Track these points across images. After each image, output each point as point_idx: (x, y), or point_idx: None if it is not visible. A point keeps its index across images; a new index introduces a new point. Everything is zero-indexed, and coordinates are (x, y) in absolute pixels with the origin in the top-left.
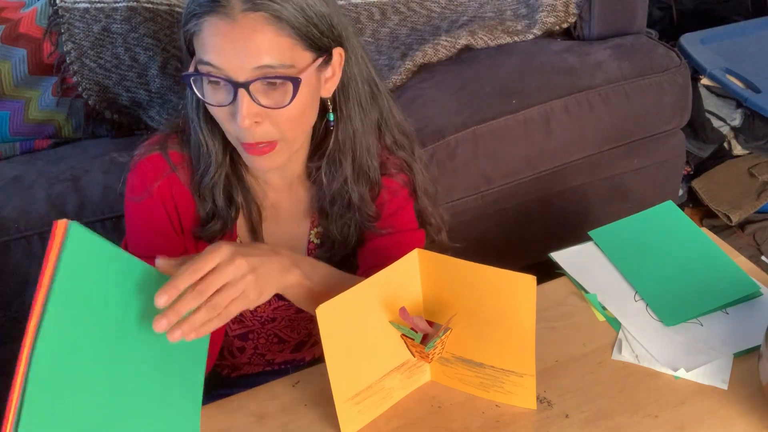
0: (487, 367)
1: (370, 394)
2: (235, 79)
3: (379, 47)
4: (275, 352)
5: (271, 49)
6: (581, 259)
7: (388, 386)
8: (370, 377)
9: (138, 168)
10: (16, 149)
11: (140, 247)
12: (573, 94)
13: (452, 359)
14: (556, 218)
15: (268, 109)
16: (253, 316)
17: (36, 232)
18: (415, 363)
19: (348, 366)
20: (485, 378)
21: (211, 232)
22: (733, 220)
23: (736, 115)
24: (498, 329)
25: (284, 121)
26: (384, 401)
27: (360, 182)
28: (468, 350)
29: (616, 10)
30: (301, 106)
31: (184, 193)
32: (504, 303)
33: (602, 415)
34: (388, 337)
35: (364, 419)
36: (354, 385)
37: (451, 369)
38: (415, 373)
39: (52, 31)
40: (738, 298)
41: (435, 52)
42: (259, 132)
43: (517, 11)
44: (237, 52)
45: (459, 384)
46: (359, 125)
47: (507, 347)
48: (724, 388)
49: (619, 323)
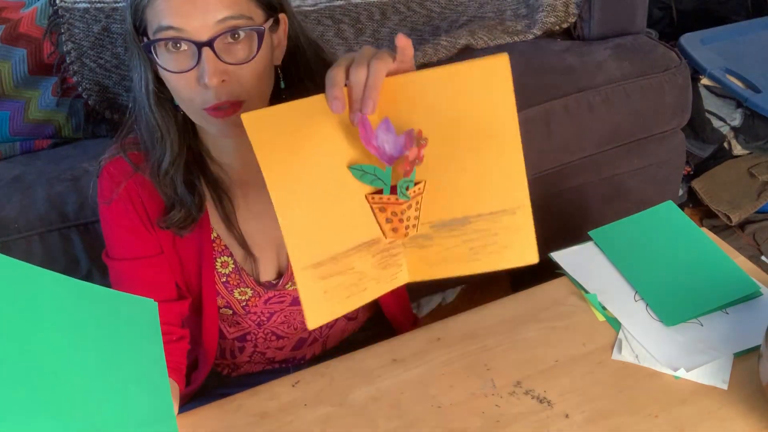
0: (472, 219)
1: (337, 272)
2: (197, 39)
3: (379, 47)
4: (275, 350)
5: (229, 2)
6: (581, 259)
7: (358, 268)
8: (333, 244)
9: (104, 173)
10: (16, 149)
11: (117, 249)
12: (573, 94)
13: (430, 231)
14: (556, 218)
15: (233, 66)
16: (248, 317)
17: (36, 232)
18: (388, 249)
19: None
20: (473, 239)
21: (176, 220)
22: (733, 220)
23: (736, 115)
24: (476, 148)
25: (249, 77)
26: (355, 290)
27: None
28: (447, 207)
29: (616, 10)
30: (265, 62)
31: (151, 191)
32: (477, 104)
33: (602, 415)
34: (350, 196)
35: (331, 307)
36: (312, 244)
37: (431, 251)
38: (390, 265)
39: (52, 31)
40: (738, 298)
41: (435, 52)
42: (224, 91)
43: (517, 11)
44: (196, 8)
45: (445, 268)
46: (313, 88)
47: (492, 174)
48: (724, 388)
49: (619, 323)
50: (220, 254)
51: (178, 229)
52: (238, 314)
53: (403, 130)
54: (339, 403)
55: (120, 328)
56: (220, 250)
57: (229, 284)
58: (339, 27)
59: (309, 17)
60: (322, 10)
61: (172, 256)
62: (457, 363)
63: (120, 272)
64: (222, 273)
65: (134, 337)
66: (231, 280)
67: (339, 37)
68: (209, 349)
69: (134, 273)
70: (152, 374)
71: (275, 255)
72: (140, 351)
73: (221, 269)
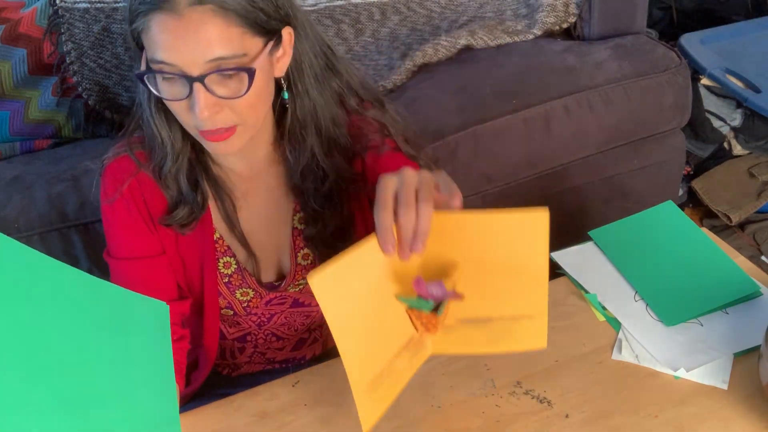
0: (495, 319)
1: (384, 379)
2: (189, 74)
3: (379, 47)
4: (275, 351)
5: (222, 41)
6: (581, 259)
7: (398, 368)
8: (382, 359)
9: (107, 171)
10: (16, 149)
11: (119, 248)
12: (573, 94)
13: (456, 324)
14: (556, 218)
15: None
16: (248, 318)
17: (36, 232)
18: (418, 338)
19: (359, 348)
20: (492, 332)
21: (178, 218)
22: (733, 220)
23: (736, 115)
24: (508, 277)
25: (243, 108)
26: (395, 385)
27: (332, 153)
28: (474, 309)
29: (616, 10)
30: (258, 92)
31: (154, 190)
32: (514, 247)
33: (602, 415)
34: (392, 313)
35: (380, 408)
36: (368, 370)
37: (455, 334)
38: (419, 350)
39: (52, 31)
40: (738, 298)
41: (435, 52)
42: (219, 119)
43: (517, 11)
44: (187, 47)
45: (463, 347)
46: (318, 98)
47: (518, 293)
48: (724, 388)
49: (619, 323)
50: (222, 255)
51: (180, 227)
52: (239, 315)
53: (441, 260)
54: (339, 403)
55: (131, 328)
56: (222, 251)
57: (231, 285)
58: (339, 27)
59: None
60: (322, 10)
61: (174, 255)
62: (457, 363)
63: (121, 271)
64: (224, 273)
65: (145, 339)
66: (233, 280)
67: (339, 37)
68: (210, 349)
69: (135, 272)
70: (160, 377)
71: (276, 257)
72: (150, 352)
73: (224, 270)
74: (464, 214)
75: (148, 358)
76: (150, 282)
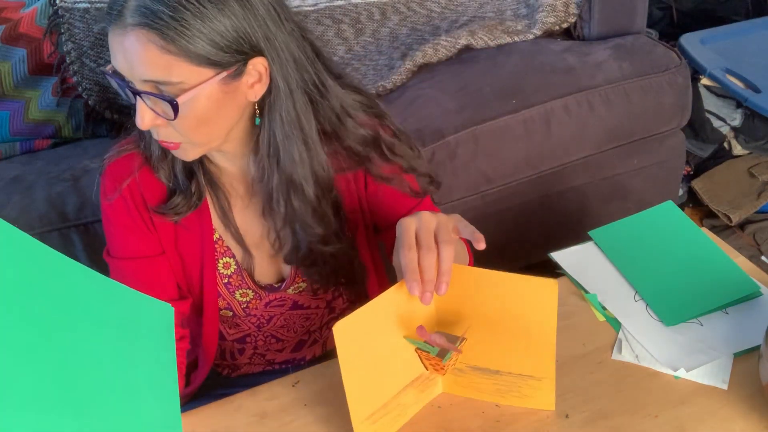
0: (504, 374)
1: (386, 412)
2: (132, 86)
3: (379, 47)
4: (275, 352)
5: (156, 66)
6: (581, 259)
7: (403, 402)
8: (387, 395)
9: (107, 171)
10: (16, 149)
11: (118, 248)
12: (573, 94)
13: (466, 369)
14: (556, 218)
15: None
16: (248, 319)
17: (36, 232)
18: (428, 376)
19: (365, 384)
20: (502, 385)
21: (174, 206)
22: (733, 220)
23: (736, 115)
24: (517, 336)
25: (183, 129)
26: (398, 418)
27: (293, 194)
28: (484, 359)
29: (616, 10)
30: (198, 117)
31: (153, 186)
32: (524, 309)
33: (602, 415)
34: (403, 352)
35: None
36: (371, 403)
37: (465, 378)
38: (428, 387)
39: (52, 31)
40: (738, 298)
41: (435, 52)
42: (162, 133)
43: (517, 11)
44: (126, 62)
45: (473, 393)
46: (281, 137)
47: (526, 353)
48: (724, 388)
49: (619, 323)
50: (222, 255)
51: (175, 215)
52: (238, 316)
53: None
54: (339, 403)
55: (137, 328)
56: (222, 251)
57: (231, 285)
58: (339, 27)
59: (309, 17)
60: (322, 10)
61: (174, 255)
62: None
63: (120, 271)
64: (224, 274)
65: (150, 339)
66: (233, 281)
67: (339, 37)
68: (209, 349)
69: (134, 272)
70: (164, 378)
71: (276, 259)
72: (154, 353)
73: (223, 270)
74: (480, 269)
75: (153, 358)
76: (149, 282)
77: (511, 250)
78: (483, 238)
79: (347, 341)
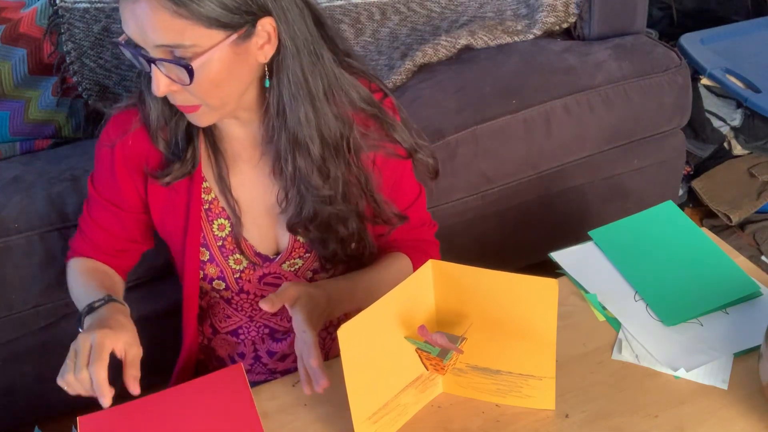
0: (504, 373)
1: (387, 412)
2: (146, 54)
3: (379, 47)
4: (276, 362)
5: (168, 31)
6: (581, 259)
7: (403, 402)
8: (387, 394)
9: (113, 118)
10: (16, 149)
11: (99, 185)
12: (573, 94)
13: (467, 369)
14: (556, 218)
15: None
16: (240, 301)
17: (36, 232)
18: (428, 376)
19: (366, 385)
20: (502, 384)
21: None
22: (733, 220)
23: (736, 115)
24: (517, 335)
25: (198, 92)
26: (399, 418)
27: (299, 154)
28: (484, 358)
29: (616, 10)
30: (212, 81)
31: (150, 154)
32: (524, 309)
33: (602, 415)
34: (404, 353)
35: None
36: (372, 403)
37: (465, 378)
38: (428, 387)
39: (52, 31)
40: (738, 298)
41: (435, 52)
42: (179, 98)
43: (517, 11)
44: (138, 29)
45: (473, 393)
46: (288, 97)
47: (526, 352)
48: (724, 388)
49: (619, 323)
50: (216, 216)
51: (165, 178)
52: (231, 290)
53: (454, 309)
54: (339, 403)
55: None
56: (217, 212)
57: (225, 249)
58: (339, 27)
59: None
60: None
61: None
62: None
63: (94, 199)
64: (218, 236)
65: None
66: (227, 244)
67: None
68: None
69: (103, 209)
70: None
71: (274, 231)
72: None
73: (218, 232)
74: (480, 269)
75: None
76: (108, 224)
77: (511, 249)
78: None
79: (351, 343)
